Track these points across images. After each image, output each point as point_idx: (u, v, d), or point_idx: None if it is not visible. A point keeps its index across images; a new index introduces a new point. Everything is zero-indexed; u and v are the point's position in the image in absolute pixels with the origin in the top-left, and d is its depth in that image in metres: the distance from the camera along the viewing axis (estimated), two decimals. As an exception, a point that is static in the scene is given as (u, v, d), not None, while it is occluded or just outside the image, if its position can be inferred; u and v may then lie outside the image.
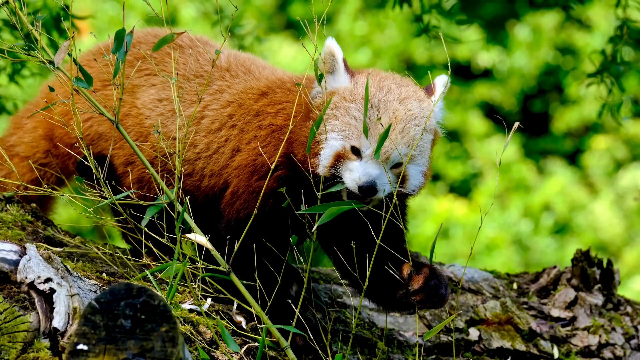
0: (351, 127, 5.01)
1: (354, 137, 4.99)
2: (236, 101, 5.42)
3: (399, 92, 5.08)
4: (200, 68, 5.55)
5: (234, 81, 5.50)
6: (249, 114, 5.35)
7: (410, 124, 5.05)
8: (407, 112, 5.05)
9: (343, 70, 5.14)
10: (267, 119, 5.29)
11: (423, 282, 5.07)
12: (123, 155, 5.54)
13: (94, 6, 13.86)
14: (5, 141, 5.96)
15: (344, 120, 5.03)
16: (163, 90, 5.54)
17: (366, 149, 4.98)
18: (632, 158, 15.42)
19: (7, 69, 7.34)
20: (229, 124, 5.38)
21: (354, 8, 15.09)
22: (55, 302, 4.56)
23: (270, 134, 5.26)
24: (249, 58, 5.70)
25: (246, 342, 5.11)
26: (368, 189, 4.93)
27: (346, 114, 5.04)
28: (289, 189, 5.07)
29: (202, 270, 4.98)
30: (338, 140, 5.02)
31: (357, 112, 5.02)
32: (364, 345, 5.55)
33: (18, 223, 5.44)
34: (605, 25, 14.77)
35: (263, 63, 5.70)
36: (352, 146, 4.99)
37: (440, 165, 15.13)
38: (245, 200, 5.21)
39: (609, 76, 7.21)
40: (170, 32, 4.91)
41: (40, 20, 4.84)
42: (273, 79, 5.48)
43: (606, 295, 6.30)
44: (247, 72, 5.55)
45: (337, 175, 5.00)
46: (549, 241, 14.60)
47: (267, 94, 5.38)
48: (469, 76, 15.68)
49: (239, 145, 5.32)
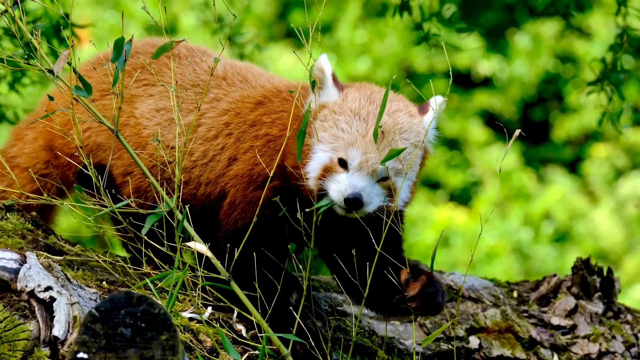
0: (338, 139, 5.02)
1: (341, 149, 5.00)
2: (233, 109, 5.43)
3: (389, 105, 5.08)
4: (198, 77, 5.56)
5: (231, 89, 5.51)
6: (245, 123, 5.36)
7: (398, 137, 5.05)
8: (395, 125, 5.06)
9: (331, 84, 5.16)
10: (263, 128, 5.30)
11: (420, 289, 5.07)
12: (121, 165, 5.54)
13: (94, 15, 13.87)
14: (6, 152, 5.97)
15: (332, 132, 5.05)
16: (161, 100, 5.55)
17: (352, 161, 4.98)
18: (632, 166, 15.41)
19: (7, 77, 7.35)
20: (225, 132, 5.39)
21: (353, 16, 15.10)
22: (55, 310, 4.56)
23: (266, 144, 5.27)
24: (246, 66, 5.71)
25: (246, 351, 5.11)
26: (353, 201, 4.93)
27: (334, 126, 5.05)
28: (285, 199, 5.07)
29: (202, 279, 4.98)
30: (326, 152, 5.03)
31: (345, 124, 5.04)
32: (364, 354, 5.54)
33: (18, 231, 5.44)
34: (605, 33, 14.78)
35: (260, 71, 5.71)
36: (340, 158, 5.00)
37: (440, 174, 15.13)
38: (242, 210, 5.22)
39: (609, 84, 7.21)
40: (169, 41, 4.91)
41: (39, 28, 4.84)
42: (269, 87, 5.49)
43: (606, 304, 6.30)
44: (244, 81, 5.56)
45: (324, 188, 5.01)
46: (549, 249, 14.59)
47: (263, 103, 5.40)
48: (469, 84, 15.68)
49: (235, 154, 5.32)
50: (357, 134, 5.00)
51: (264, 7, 15.69)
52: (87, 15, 13.79)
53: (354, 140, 4.99)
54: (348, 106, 5.08)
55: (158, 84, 5.54)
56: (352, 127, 5.03)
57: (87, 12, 13.93)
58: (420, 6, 7.36)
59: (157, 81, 5.52)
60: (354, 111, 5.06)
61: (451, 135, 15.22)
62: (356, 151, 4.97)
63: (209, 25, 10.92)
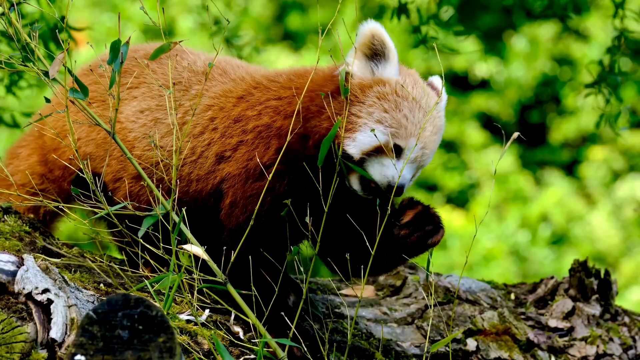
0: (401, 126, 5.03)
1: (402, 137, 5.02)
2: (216, 104, 5.41)
3: (433, 99, 5.16)
4: (179, 75, 5.55)
5: (211, 84, 5.50)
6: (230, 118, 5.34)
7: (440, 132, 5.17)
8: (440, 119, 5.17)
9: (397, 61, 5.16)
10: (250, 122, 5.28)
11: (412, 216, 5.14)
12: (110, 172, 5.54)
13: (91, 17, 13.88)
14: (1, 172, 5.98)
15: (394, 115, 5.04)
16: (144, 101, 5.55)
17: (409, 152, 5.01)
18: (629, 169, 15.43)
19: (4, 80, 7.35)
20: (210, 127, 5.38)
21: (351, 19, 15.10)
22: (52, 312, 4.56)
23: (257, 135, 5.25)
24: (225, 59, 5.69)
25: (244, 353, 5.10)
26: (398, 189, 4.98)
27: (397, 110, 5.05)
28: (286, 183, 5.09)
29: (199, 282, 4.98)
30: (384, 135, 5.02)
31: (408, 112, 5.04)
32: (362, 356, 5.54)
33: (16, 234, 5.44)
34: (602, 35, 14.80)
35: (238, 62, 5.69)
36: (396, 144, 5.02)
37: (437, 176, 15.14)
38: (244, 205, 5.20)
39: (606, 87, 7.22)
40: (166, 42, 4.91)
41: (37, 30, 4.84)
42: (249, 81, 5.47)
43: (604, 306, 6.30)
44: (223, 74, 5.55)
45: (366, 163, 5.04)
46: (546, 252, 14.60)
47: (244, 98, 5.38)
48: (467, 87, 15.70)
49: (222, 150, 5.31)
50: (418, 125, 5.02)
51: (261, 10, 15.71)
52: (85, 17, 13.80)
53: (416, 131, 5.02)
54: (410, 91, 5.09)
55: (144, 84, 5.54)
56: (415, 117, 5.04)
57: (84, 15, 13.94)
58: (418, 9, 7.37)
59: (153, 82, 5.51)
60: (416, 99, 5.07)
61: (448, 138, 15.23)
62: (414, 143, 5.01)
63: (207, 28, 10.94)
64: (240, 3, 15.24)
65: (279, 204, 5.08)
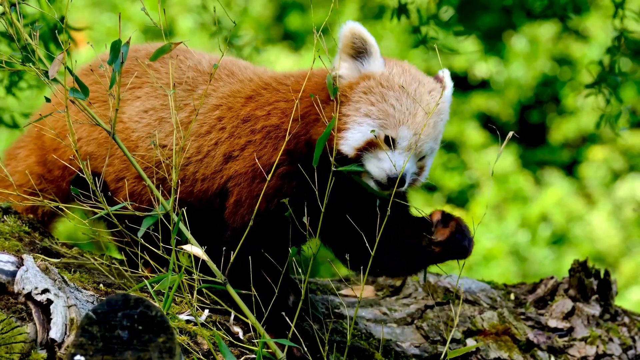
0: (389, 116, 5.02)
1: (391, 127, 5.00)
2: (224, 104, 5.40)
3: (428, 85, 5.12)
4: (183, 74, 5.55)
5: (218, 84, 5.49)
6: (238, 118, 5.34)
7: (438, 117, 5.11)
8: (439, 105, 5.12)
9: (379, 54, 5.15)
10: (259, 122, 5.28)
11: (448, 235, 5.11)
12: (113, 172, 5.53)
13: (91, 17, 13.88)
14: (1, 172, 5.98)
15: (381, 107, 5.04)
16: (148, 101, 5.54)
17: (402, 141, 5.00)
18: (629, 169, 15.42)
19: (4, 80, 7.35)
20: (218, 127, 5.37)
21: (351, 19, 15.09)
22: (52, 313, 4.56)
23: (266, 135, 5.24)
24: (231, 60, 5.69)
25: (243, 353, 5.10)
26: (399, 181, 4.96)
27: (383, 101, 5.04)
28: (295, 180, 5.09)
29: (199, 282, 4.98)
30: (373, 127, 5.02)
31: (395, 101, 5.03)
32: (361, 356, 5.54)
33: (15, 234, 5.44)
34: (602, 36, 14.79)
35: (244, 63, 5.69)
36: (387, 136, 5.01)
37: (437, 176, 15.13)
38: (250, 205, 5.19)
39: (606, 87, 7.22)
40: (167, 43, 4.90)
41: (37, 29, 4.84)
42: (257, 81, 5.47)
43: (603, 306, 6.30)
44: (230, 75, 5.55)
45: (362, 160, 5.03)
46: (546, 252, 14.59)
47: (253, 98, 5.38)
48: (466, 87, 15.69)
49: (230, 150, 5.30)
50: (407, 112, 5.01)
51: (261, 10, 15.70)
52: (85, 18, 13.79)
53: (405, 119, 5.00)
54: (396, 81, 5.08)
55: (147, 84, 5.54)
56: (403, 105, 5.03)
57: (84, 15, 13.94)
58: (418, 9, 7.37)
59: (154, 82, 5.51)
60: (403, 87, 5.06)
61: (448, 138, 15.22)
62: (407, 131, 5.00)
63: (207, 28, 10.93)
64: (240, 3, 15.25)
65: (285, 205, 5.08)
